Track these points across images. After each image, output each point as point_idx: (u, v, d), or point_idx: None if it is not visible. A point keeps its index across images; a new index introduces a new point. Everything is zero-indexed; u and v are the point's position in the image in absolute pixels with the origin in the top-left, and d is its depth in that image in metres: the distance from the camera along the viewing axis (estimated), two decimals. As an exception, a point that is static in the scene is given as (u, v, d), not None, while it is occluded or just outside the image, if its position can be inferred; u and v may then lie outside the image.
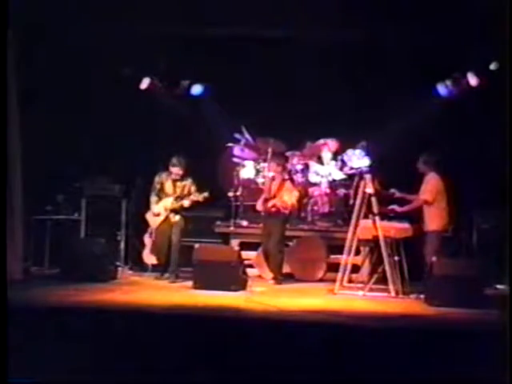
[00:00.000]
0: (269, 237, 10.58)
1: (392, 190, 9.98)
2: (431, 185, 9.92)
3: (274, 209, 10.59)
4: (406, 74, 11.44)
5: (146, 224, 10.86)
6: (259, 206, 10.86)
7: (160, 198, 10.55)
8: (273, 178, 10.92)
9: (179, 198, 10.47)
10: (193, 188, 10.48)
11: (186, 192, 10.50)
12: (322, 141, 11.75)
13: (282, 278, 10.60)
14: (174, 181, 10.52)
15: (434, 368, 6.72)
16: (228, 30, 11.48)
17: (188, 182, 10.54)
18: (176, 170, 10.45)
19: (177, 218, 10.51)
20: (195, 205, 10.55)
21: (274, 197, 10.67)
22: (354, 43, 11.56)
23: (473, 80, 11.37)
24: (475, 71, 11.34)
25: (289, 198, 10.62)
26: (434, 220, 9.87)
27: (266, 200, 10.72)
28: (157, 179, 10.60)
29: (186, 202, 10.44)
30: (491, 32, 9.68)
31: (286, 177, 11.02)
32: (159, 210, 10.53)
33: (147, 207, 10.68)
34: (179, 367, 6.77)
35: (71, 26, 10.57)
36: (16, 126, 10.01)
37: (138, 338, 7.16)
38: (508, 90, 8.89)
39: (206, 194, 10.38)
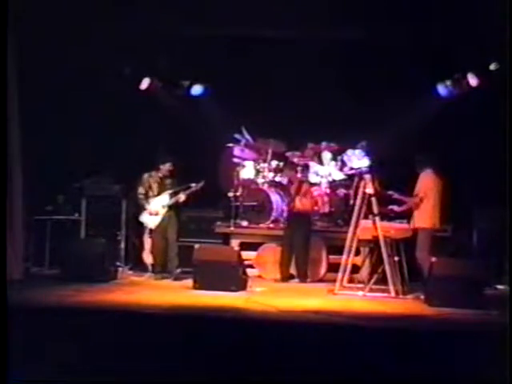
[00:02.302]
0: (292, 236, 10.76)
1: (390, 192, 9.97)
2: (422, 182, 9.90)
3: (295, 210, 10.84)
4: (406, 74, 11.45)
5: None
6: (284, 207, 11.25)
7: (147, 196, 10.56)
8: (291, 182, 11.17)
9: (173, 193, 10.53)
10: (177, 188, 10.56)
11: (176, 189, 10.56)
12: (323, 144, 11.77)
13: (308, 275, 10.79)
14: (162, 178, 10.57)
15: (434, 368, 6.72)
16: (228, 30, 11.48)
17: (175, 180, 10.63)
18: (167, 167, 10.53)
19: (171, 216, 10.56)
20: (190, 200, 10.64)
21: (294, 199, 10.88)
22: (355, 43, 11.57)
23: (473, 80, 11.38)
24: (475, 71, 11.35)
25: (306, 201, 10.91)
26: (422, 217, 9.83)
27: (289, 202, 11.00)
28: (144, 178, 10.62)
29: (182, 197, 10.51)
30: (491, 32, 9.68)
31: (301, 177, 11.17)
32: (157, 209, 10.54)
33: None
34: (179, 367, 6.77)
35: (71, 25, 10.57)
36: (16, 126, 10.01)
37: (138, 338, 7.15)
38: (508, 89, 8.90)
39: (202, 183, 10.51)
